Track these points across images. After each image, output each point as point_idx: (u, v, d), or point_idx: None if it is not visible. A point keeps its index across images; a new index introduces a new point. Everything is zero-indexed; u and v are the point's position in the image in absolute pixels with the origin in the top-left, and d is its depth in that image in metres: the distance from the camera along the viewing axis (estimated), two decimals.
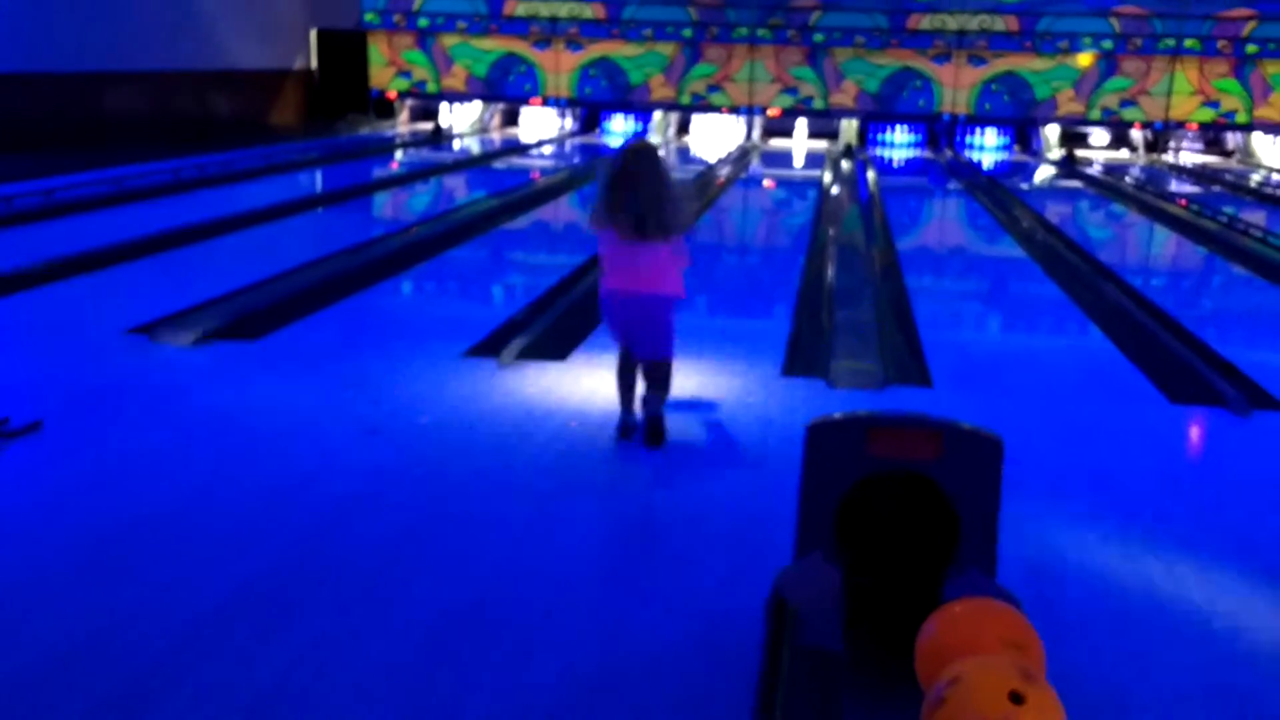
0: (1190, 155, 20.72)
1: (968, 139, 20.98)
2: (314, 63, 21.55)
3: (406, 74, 21.42)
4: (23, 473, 4.27)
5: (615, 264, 4.45)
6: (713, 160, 17.12)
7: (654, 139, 20.10)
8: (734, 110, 20.97)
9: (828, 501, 2.11)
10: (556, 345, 6.19)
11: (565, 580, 3.48)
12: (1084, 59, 19.81)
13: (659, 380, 4.60)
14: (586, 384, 5.49)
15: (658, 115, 21.31)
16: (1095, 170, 17.49)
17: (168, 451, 4.49)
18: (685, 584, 3.46)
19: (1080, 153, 19.96)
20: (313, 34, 21.35)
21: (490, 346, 6.11)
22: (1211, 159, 20.39)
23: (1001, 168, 18.27)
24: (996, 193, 14.41)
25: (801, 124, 21.57)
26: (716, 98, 20.82)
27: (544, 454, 4.56)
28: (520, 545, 3.72)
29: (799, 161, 18.82)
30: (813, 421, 2.32)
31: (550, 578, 3.49)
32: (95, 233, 9.07)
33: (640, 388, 4.69)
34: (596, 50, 20.80)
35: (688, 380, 5.32)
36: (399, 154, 17.73)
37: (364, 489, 4.14)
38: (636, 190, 4.29)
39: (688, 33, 20.36)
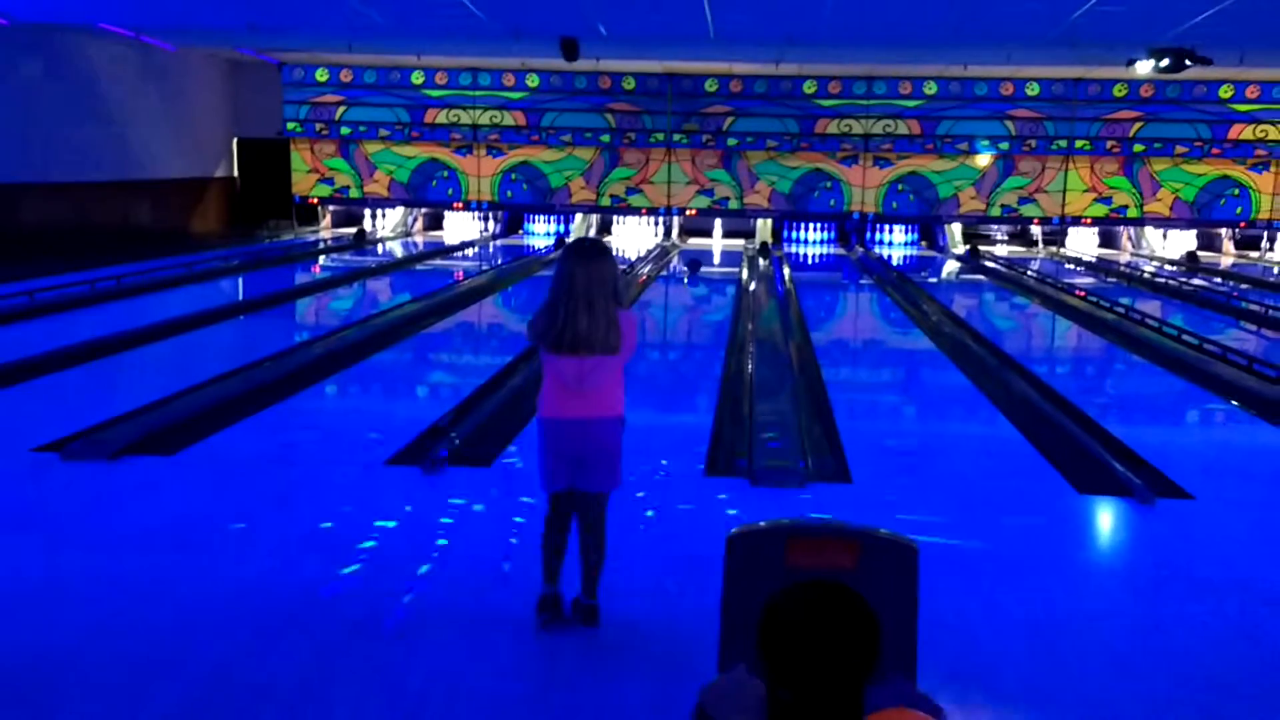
0: (1087, 248, 21.71)
1: (877, 236, 21.78)
2: (236, 170, 21.56)
3: (329, 180, 21.55)
4: None
5: (558, 387, 3.78)
6: (633, 259, 17.45)
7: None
8: (653, 211, 21.49)
9: (749, 613, 2.17)
10: (482, 450, 6.20)
11: (490, 700, 3.46)
12: (982, 159, 20.81)
13: (597, 534, 3.90)
14: (512, 489, 5.50)
15: (579, 217, 21.74)
16: (998, 264, 18.22)
17: (78, 577, 4.36)
18: (611, 704, 3.44)
19: (983, 248, 20.80)
20: (234, 142, 21.40)
21: (414, 453, 6.10)
22: (1107, 252, 21.40)
23: (910, 263, 18.94)
24: (906, 287, 14.91)
25: (718, 224, 22.20)
26: (635, 199, 21.33)
27: (468, 569, 4.53)
28: (446, 665, 3.69)
29: (717, 259, 19.26)
30: (733, 532, 2.39)
31: (476, 698, 3.47)
32: (4, 348, 8.86)
33: (581, 557, 3.96)
34: (517, 155, 21.22)
35: None
36: (322, 259, 17.71)
37: (287, 608, 4.07)
38: (573, 300, 3.67)
39: (606, 138, 20.92)
